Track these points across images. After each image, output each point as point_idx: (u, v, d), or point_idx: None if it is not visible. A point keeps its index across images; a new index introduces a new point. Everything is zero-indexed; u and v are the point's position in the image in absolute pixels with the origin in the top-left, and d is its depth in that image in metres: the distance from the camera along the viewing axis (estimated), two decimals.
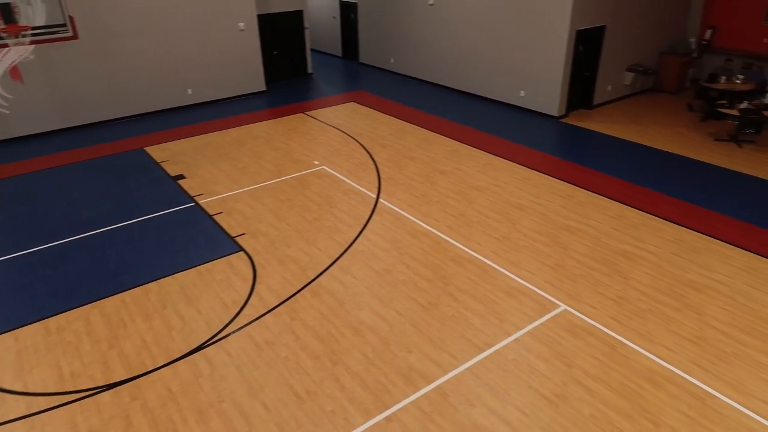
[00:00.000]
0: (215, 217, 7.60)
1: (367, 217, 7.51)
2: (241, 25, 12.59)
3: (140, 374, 4.89)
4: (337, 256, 6.64)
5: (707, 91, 10.99)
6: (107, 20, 10.88)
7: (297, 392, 4.65)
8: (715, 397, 4.51)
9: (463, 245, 6.77)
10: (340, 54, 17.35)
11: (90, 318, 5.64)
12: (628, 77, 11.98)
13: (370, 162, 9.29)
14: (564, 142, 9.94)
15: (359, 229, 7.21)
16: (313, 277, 6.24)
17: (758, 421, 4.28)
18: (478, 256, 6.55)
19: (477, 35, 12.11)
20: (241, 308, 5.75)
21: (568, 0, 10.00)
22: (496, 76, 12.03)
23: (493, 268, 6.31)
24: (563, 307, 5.63)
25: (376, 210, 7.70)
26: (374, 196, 8.11)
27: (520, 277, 6.12)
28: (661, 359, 4.92)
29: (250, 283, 6.17)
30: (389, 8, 14.40)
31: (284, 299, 5.88)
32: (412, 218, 7.44)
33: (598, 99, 11.70)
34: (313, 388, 4.69)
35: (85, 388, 4.77)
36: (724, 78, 10.93)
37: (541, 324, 5.38)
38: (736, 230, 6.94)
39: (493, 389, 4.63)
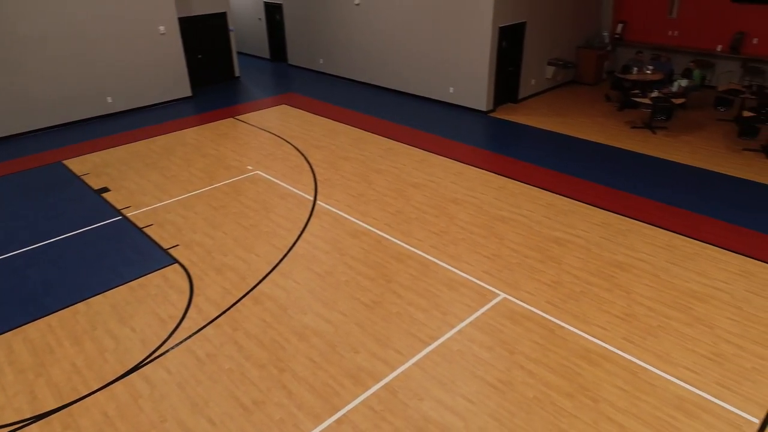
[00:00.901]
0: (145, 230, 7.27)
1: (305, 220, 7.42)
2: (162, 28, 12.11)
3: (72, 401, 4.60)
4: (277, 261, 6.53)
5: (621, 81, 11.65)
6: (13, 26, 10.14)
7: (243, 403, 4.53)
8: (647, 369, 4.79)
9: (403, 242, 6.83)
10: (267, 56, 17.06)
11: (12, 346, 5.25)
12: (550, 71, 12.50)
13: (305, 164, 9.20)
14: (494, 136, 10.25)
15: (298, 233, 7.12)
16: (253, 285, 6.10)
17: (685, 388, 4.58)
18: (418, 251, 6.63)
19: (404, 34, 12.24)
20: (179, 322, 5.53)
21: None
22: (426, 74, 12.22)
23: (434, 262, 6.41)
24: (502, 295, 5.80)
25: (314, 212, 7.63)
26: (311, 198, 8.03)
27: (459, 270, 6.24)
28: (596, 338, 5.17)
29: (187, 295, 5.95)
30: (315, 9, 14.31)
31: (224, 309, 5.71)
32: (351, 218, 7.43)
33: (523, 93, 12.14)
34: (260, 398, 4.58)
35: (10, 422, 4.43)
36: (636, 69, 11.62)
37: (483, 314, 5.52)
38: (656, 211, 7.40)
39: (440, 381, 4.70)
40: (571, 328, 5.30)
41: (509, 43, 11.21)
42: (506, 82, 11.72)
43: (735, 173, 8.44)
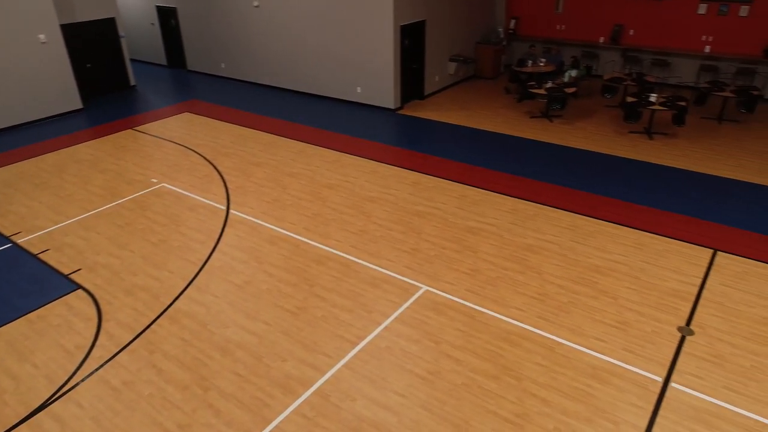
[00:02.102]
0: (41, 256, 6.69)
1: (219, 231, 7.17)
2: (42, 37, 11.18)
3: None
4: (192, 276, 6.25)
5: (518, 74, 12.29)
6: None
7: (168, 429, 4.30)
8: (562, 344, 5.09)
9: (322, 244, 6.79)
10: (165, 63, 16.26)
11: None
12: (452, 67, 12.92)
13: (215, 173, 8.88)
14: (404, 133, 10.43)
15: (213, 245, 6.86)
16: (168, 303, 5.80)
17: (597, 357, 4.92)
18: (338, 252, 6.61)
19: (307, 35, 12.14)
20: (89, 352, 5.15)
21: None
22: (332, 75, 12.20)
23: (355, 262, 6.42)
24: (424, 288, 5.93)
25: (228, 222, 7.39)
26: (224, 207, 7.77)
27: (381, 267, 6.30)
28: (514, 319, 5.42)
29: (95, 322, 5.55)
30: (212, 12, 13.82)
31: (139, 332, 5.38)
32: (267, 225, 7.27)
33: (428, 89, 12.45)
34: (186, 421, 4.37)
35: None
36: (530, 62, 12.29)
37: (407, 308, 5.61)
38: (559, 195, 7.87)
39: (371, 380, 4.72)
40: (491, 313, 5.52)
41: (412, 42, 11.45)
42: (412, 79, 11.97)
43: (623, 154, 9.17)
